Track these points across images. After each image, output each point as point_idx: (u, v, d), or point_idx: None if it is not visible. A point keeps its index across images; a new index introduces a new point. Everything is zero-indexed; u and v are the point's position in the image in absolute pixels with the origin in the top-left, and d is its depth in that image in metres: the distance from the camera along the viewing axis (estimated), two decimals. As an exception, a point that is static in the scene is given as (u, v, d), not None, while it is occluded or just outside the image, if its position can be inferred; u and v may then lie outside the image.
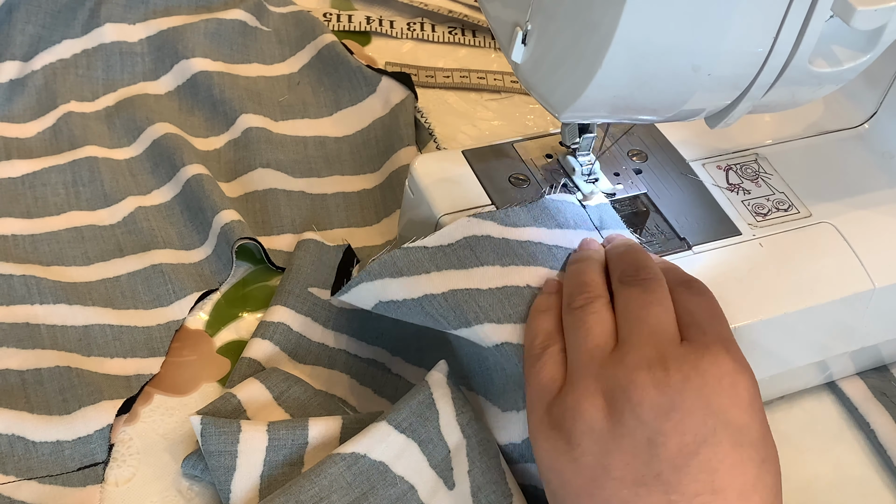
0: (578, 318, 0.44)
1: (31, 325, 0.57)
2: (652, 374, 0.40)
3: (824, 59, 0.43)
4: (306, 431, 0.50)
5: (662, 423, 0.40)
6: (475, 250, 0.50)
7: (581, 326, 0.44)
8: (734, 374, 0.41)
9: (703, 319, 0.44)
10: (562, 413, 0.42)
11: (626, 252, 0.48)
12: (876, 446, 0.56)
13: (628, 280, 0.46)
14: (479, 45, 0.81)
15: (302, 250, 0.61)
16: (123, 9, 0.74)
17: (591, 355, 0.42)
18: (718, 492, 0.39)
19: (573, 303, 0.45)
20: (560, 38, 0.42)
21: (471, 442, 0.48)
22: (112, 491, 0.51)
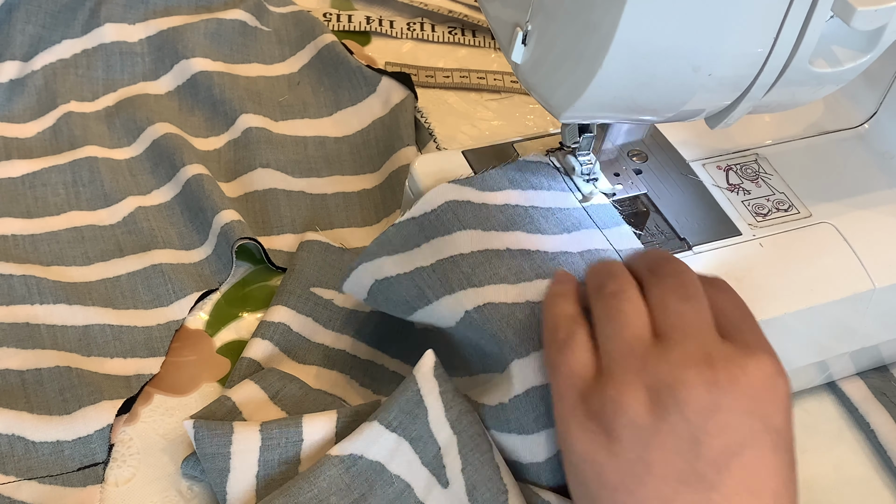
0: (613, 306, 0.43)
1: (31, 325, 0.57)
2: (700, 373, 0.40)
3: (824, 60, 0.43)
4: (300, 429, 0.50)
5: (707, 422, 0.39)
6: (458, 214, 0.51)
7: (618, 315, 0.43)
8: (775, 377, 0.41)
9: (738, 318, 0.44)
10: (601, 404, 0.41)
11: (649, 250, 0.48)
12: (876, 446, 0.56)
13: (660, 271, 0.44)
14: (479, 45, 0.81)
15: (305, 251, 0.61)
16: (123, 9, 0.74)
17: (631, 346, 0.41)
18: (756, 493, 0.39)
19: (605, 288, 0.44)
20: (560, 38, 0.42)
21: (462, 438, 0.47)
22: (112, 491, 0.51)
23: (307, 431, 0.50)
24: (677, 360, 0.40)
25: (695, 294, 0.43)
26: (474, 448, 0.47)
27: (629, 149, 0.58)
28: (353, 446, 0.48)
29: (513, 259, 0.49)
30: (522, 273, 0.49)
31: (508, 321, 0.47)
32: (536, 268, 0.49)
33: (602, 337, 0.43)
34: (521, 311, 0.47)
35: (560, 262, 0.50)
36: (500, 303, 0.47)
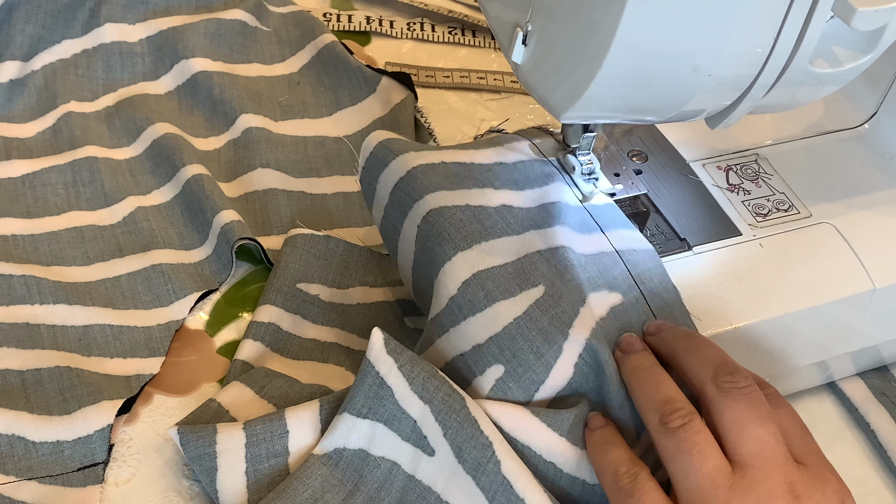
0: (685, 440, 0.42)
1: (31, 325, 0.57)
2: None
3: (825, 60, 0.43)
4: (284, 421, 0.50)
5: None
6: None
7: (691, 449, 0.42)
8: (846, 498, 0.43)
9: (799, 436, 0.44)
10: None
11: (702, 348, 0.46)
12: (876, 446, 0.56)
13: (728, 388, 0.43)
14: (479, 45, 0.81)
15: (289, 246, 0.61)
16: (123, 9, 0.74)
17: (713, 480, 0.41)
18: None
19: (669, 423, 0.43)
20: (560, 38, 0.42)
21: (434, 405, 0.47)
22: (112, 491, 0.51)
23: (291, 423, 0.50)
24: (764, 493, 0.41)
25: (768, 417, 0.43)
26: (449, 410, 0.47)
27: (629, 149, 0.58)
28: (333, 441, 0.48)
29: (447, 169, 0.53)
30: (460, 181, 0.52)
31: (450, 220, 0.50)
32: (473, 178, 0.52)
33: (678, 473, 0.42)
34: (462, 212, 0.51)
35: (496, 171, 0.53)
36: (442, 206, 0.51)
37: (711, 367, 0.44)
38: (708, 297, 0.51)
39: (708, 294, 0.52)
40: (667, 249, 0.53)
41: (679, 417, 0.43)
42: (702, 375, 0.44)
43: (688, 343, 0.46)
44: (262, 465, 0.49)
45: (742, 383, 0.44)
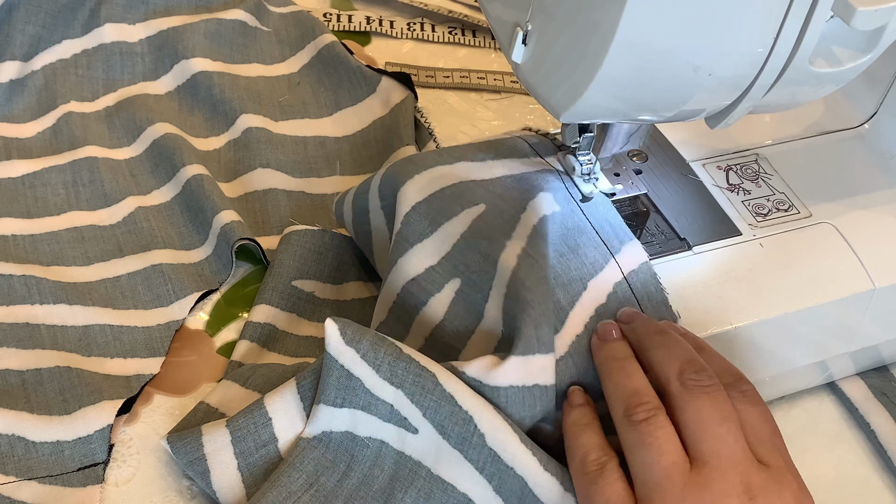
0: (646, 434, 0.43)
1: (31, 325, 0.57)
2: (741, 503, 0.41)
3: (825, 60, 0.43)
4: (264, 409, 0.50)
5: None
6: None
7: (652, 443, 0.42)
8: (803, 500, 0.43)
9: (767, 438, 0.44)
10: None
11: (671, 344, 0.46)
12: (876, 446, 0.56)
13: (692, 386, 0.44)
14: (479, 45, 0.81)
15: (284, 244, 0.61)
16: (123, 9, 0.74)
17: (670, 476, 0.42)
18: None
19: (633, 415, 0.44)
20: (560, 38, 0.42)
21: (406, 388, 0.47)
22: (112, 491, 0.51)
23: (272, 409, 0.50)
24: (719, 491, 0.41)
25: (729, 416, 0.43)
26: (422, 391, 0.47)
27: (629, 149, 0.58)
28: (319, 425, 0.48)
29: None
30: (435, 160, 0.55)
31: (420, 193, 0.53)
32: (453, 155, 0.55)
33: (637, 466, 0.43)
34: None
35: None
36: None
37: (678, 363, 0.45)
38: (708, 297, 0.51)
39: (708, 294, 0.52)
40: (667, 249, 0.53)
41: (644, 411, 0.43)
42: (668, 372, 0.45)
43: (659, 339, 0.47)
44: (252, 457, 0.49)
45: (706, 382, 0.44)
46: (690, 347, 0.46)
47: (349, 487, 0.48)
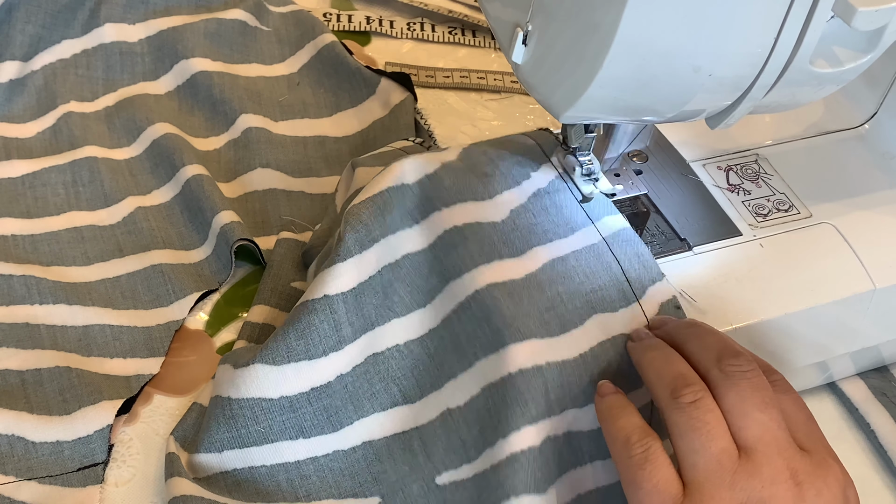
0: (695, 418, 0.42)
1: (31, 325, 0.57)
2: (788, 489, 0.41)
3: (825, 60, 0.43)
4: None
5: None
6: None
7: (701, 428, 0.42)
8: (848, 488, 0.43)
9: (803, 423, 0.44)
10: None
11: (706, 335, 0.46)
12: (876, 446, 0.56)
13: (732, 373, 0.44)
14: (479, 45, 0.81)
15: (281, 247, 0.61)
16: (123, 9, 0.74)
17: (720, 461, 0.42)
18: None
19: (681, 397, 0.43)
20: (561, 38, 0.42)
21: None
22: (112, 491, 0.51)
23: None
24: (768, 477, 0.41)
25: (772, 402, 0.43)
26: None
27: (629, 149, 0.58)
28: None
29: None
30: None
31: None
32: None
33: (686, 450, 0.43)
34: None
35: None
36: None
37: (715, 351, 0.45)
38: (708, 297, 0.51)
39: (708, 294, 0.52)
40: (667, 249, 0.53)
41: (691, 393, 0.43)
42: (706, 360, 0.45)
43: (692, 331, 0.47)
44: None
45: (746, 367, 0.44)
46: (725, 335, 0.47)
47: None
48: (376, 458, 0.51)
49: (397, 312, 0.52)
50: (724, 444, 0.42)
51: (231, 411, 0.50)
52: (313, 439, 0.51)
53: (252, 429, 0.50)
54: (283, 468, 0.51)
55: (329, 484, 0.51)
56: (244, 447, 0.51)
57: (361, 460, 0.51)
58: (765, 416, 0.43)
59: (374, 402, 0.51)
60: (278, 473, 0.51)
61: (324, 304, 0.50)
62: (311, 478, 0.51)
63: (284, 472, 0.51)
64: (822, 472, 0.42)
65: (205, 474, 0.51)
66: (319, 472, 0.51)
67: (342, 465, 0.51)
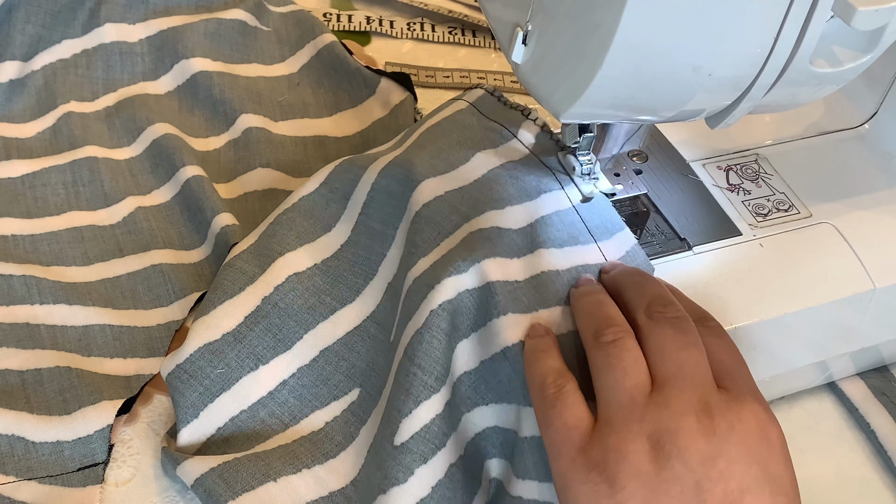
0: (612, 356, 0.43)
1: (31, 325, 0.57)
2: (699, 421, 0.41)
3: (825, 60, 0.43)
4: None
5: (709, 469, 0.40)
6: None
7: (617, 365, 0.43)
8: (768, 426, 0.42)
9: (731, 366, 0.44)
10: (603, 455, 0.41)
11: (645, 284, 0.47)
12: (876, 446, 0.56)
13: (658, 317, 0.45)
14: (479, 45, 0.81)
15: None
16: (123, 9, 0.74)
17: (632, 396, 0.42)
18: None
19: (603, 337, 0.44)
20: (560, 38, 0.42)
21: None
22: (112, 491, 0.51)
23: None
24: (677, 409, 0.41)
25: (693, 343, 0.44)
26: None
27: (629, 149, 0.58)
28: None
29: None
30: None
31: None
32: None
33: (602, 387, 0.43)
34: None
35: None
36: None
37: (647, 298, 0.46)
38: (708, 297, 0.51)
39: (708, 294, 0.52)
40: (667, 249, 0.53)
41: (612, 333, 0.44)
42: (637, 306, 0.46)
43: (633, 279, 0.48)
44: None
45: (672, 313, 0.45)
46: (664, 286, 0.47)
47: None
48: (340, 358, 0.54)
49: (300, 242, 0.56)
50: (639, 381, 0.42)
51: (187, 373, 0.52)
52: (272, 363, 0.53)
53: (213, 374, 0.52)
54: (260, 405, 0.53)
55: (307, 399, 0.53)
56: (215, 398, 0.52)
57: (327, 366, 0.54)
58: (683, 354, 0.43)
59: (315, 313, 0.54)
60: (258, 411, 0.53)
61: (232, 262, 0.56)
62: (288, 401, 0.53)
63: (262, 407, 0.53)
64: (736, 408, 0.42)
65: (194, 448, 0.52)
66: (294, 392, 0.53)
67: (311, 378, 0.53)
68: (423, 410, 0.47)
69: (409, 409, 0.47)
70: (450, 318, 0.47)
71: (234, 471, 0.49)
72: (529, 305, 0.47)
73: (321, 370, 0.54)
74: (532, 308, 0.47)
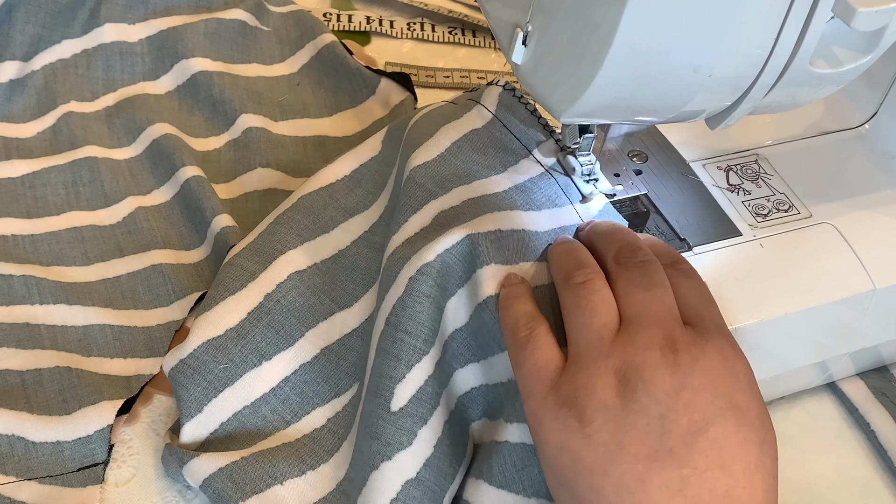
0: (582, 297, 0.45)
1: (31, 325, 0.57)
2: (663, 355, 0.42)
3: (825, 60, 0.43)
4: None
5: (674, 401, 0.41)
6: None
7: (586, 305, 0.44)
8: (734, 360, 0.43)
9: (699, 304, 0.45)
10: (572, 391, 0.42)
11: (615, 233, 0.48)
12: (876, 446, 0.56)
13: (625, 262, 0.46)
14: (479, 45, 0.81)
15: None
16: (123, 9, 0.74)
17: (600, 335, 0.43)
18: (726, 468, 0.40)
19: (573, 279, 0.45)
20: (560, 39, 0.42)
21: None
22: (112, 491, 0.51)
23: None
24: (642, 344, 0.42)
25: (659, 283, 0.45)
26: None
27: (629, 149, 0.58)
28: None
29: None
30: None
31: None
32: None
33: (571, 328, 0.44)
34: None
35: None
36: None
37: (617, 246, 0.47)
38: (708, 298, 0.51)
39: (708, 294, 0.52)
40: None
41: (582, 275, 0.45)
42: (607, 254, 0.47)
43: (605, 229, 0.49)
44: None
45: (640, 257, 0.46)
46: (636, 235, 0.48)
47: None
48: (340, 357, 0.54)
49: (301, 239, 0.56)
50: (607, 320, 0.43)
51: (191, 368, 0.52)
52: (275, 360, 0.53)
53: (217, 369, 0.52)
54: (263, 401, 0.53)
55: (309, 396, 0.53)
56: (219, 393, 0.52)
57: (328, 364, 0.54)
58: (649, 293, 0.44)
59: (315, 312, 0.55)
60: (261, 407, 0.53)
61: (233, 260, 0.56)
62: (290, 398, 0.53)
63: (265, 403, 0.53)
64: (701, 342, 0.43)
65: (196, 444, 0.52)
66: (296, 389, 0.53)
67: (312, 375, 0.54)
68: (416, 373, 0.48)
69: (401, 374, 0.47)
70: (433, 281, 0.48)
71: (242, 471, 0.50)
72: (510, 258, 0.48)
73: (322, 367, 0.54)
74: (512, 261, 0.48)
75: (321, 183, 0.58)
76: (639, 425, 0.41)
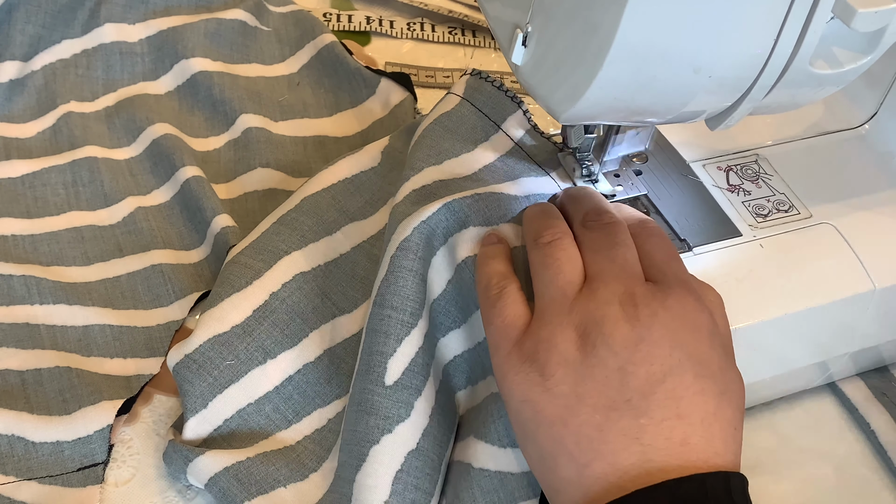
0: (548, 255, 0.46)
1: (31, 325, 0.57)
2: (623, 309, 0.43)
3: (825, 61, 0.43)
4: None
5: (632, 353, 0.42)
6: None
7: (552, 264, 0.45)
8: (695, 312, 0.44)
9: (662, 261, 0.46)
10: (535, 346, 0.43)
11: (584, 198, 0.49)
12: (876, 447, 0.56)
13: (591, 224, 0.47)
14: (479, 45, 0.81)
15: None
16: (123, 9, 0.74)
17: (564, 291, 0.44)
18: (683, 417, 0.41)
19: (541, 238, 0.47)
20: (560, 39, 0.42)
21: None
22: (112, 491, 0.51)
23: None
24: (603, 299, 0.43)
25: (622, 242, 0.46)
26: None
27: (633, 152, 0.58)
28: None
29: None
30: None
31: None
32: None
33: (538, 285, 0.46)
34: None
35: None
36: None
37: (585, 209, 0.48)
38: (708, 298, 0.51)
39: (708, 294, 0.52)
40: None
41: (549, 234, 0.47)
42: (575, 218, 0.48)
43: (574, 194, 0.50)
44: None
45: (605, 219, 0.47)
46: (604, 200, 0.49)
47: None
48: (342, 360, 0.55)
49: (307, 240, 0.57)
50: (571, 278, 0.45)
51: (196, 363, 0.52)
52: (279, 358, 0.54)
53: (223, 366, 0.53)
54: (267, 399, 0.53)
55: (311, 397, 0.54)
56: (224, 389, 0.52)
57: (330, 366, 0.54)
58: (612, 251, 0.45)
59: (318, 314, 0.55)
60: (264, 406, 0.53)
61: (237, 258, 0.56)
62: (293, 397, 0.54)
63: (268, 402, 0.53)
64: (661, 296, 0.43)
65: (199, 440, 0.52)
66: (299, 389, 0.54)
67: (316, 375, 0.54)
68: (406, 346, 0.48)
69: (392, 349, 0.48)
70: (413, 255, 0.49)
71: (247, 472, 0.50)
72: (489, 219, 0.50)
73: (325, 369, 0.54)
74: (493, 221, 0.50)
75: (323, 184, 0.58)
76: (598, 377, 0.42)
